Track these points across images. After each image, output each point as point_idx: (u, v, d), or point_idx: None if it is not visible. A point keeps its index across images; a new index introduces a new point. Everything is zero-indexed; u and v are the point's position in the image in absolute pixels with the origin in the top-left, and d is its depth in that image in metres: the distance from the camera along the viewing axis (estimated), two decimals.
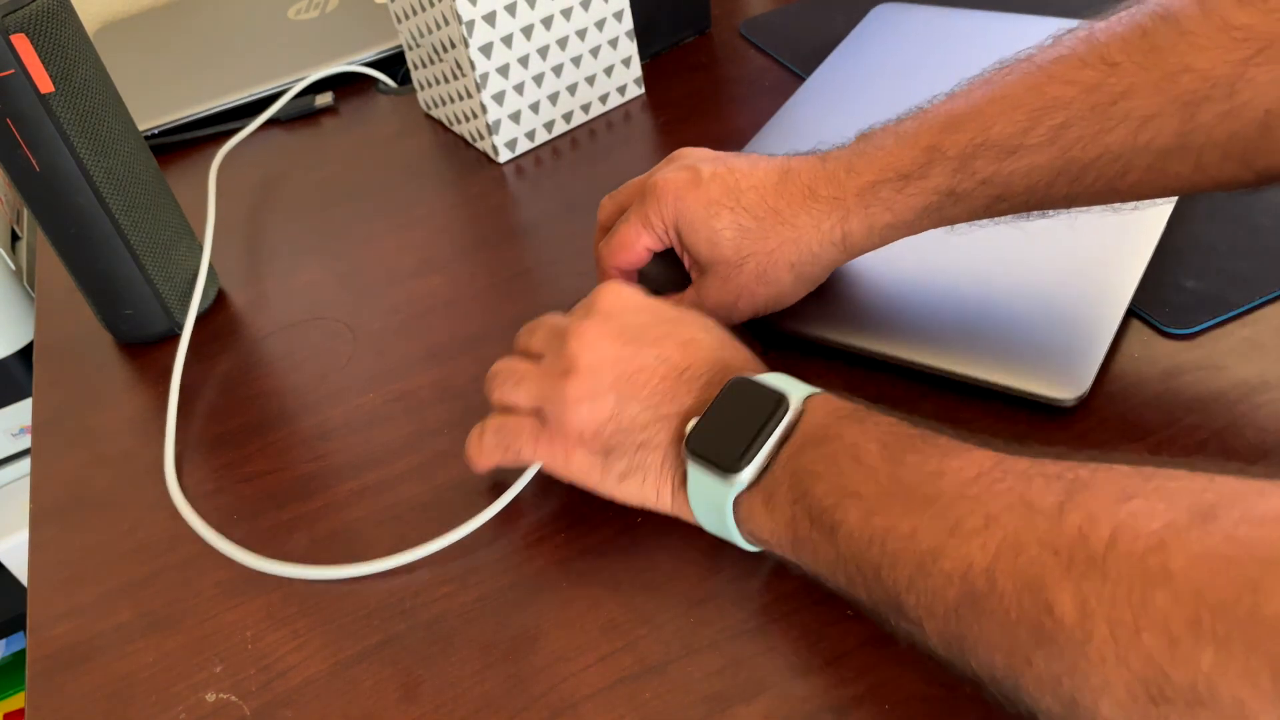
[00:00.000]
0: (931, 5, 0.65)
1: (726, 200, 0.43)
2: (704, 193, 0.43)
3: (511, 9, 0.59)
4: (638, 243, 0.45)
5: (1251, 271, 0.45)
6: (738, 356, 0.40)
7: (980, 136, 0.39)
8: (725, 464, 0.35)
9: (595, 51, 0.64)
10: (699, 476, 0.36)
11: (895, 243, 0.43)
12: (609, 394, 0.38)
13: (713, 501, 0.36)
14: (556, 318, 0.42)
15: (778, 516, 0.34)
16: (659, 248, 0.46)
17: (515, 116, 0.63)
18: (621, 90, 0.67)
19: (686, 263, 0.46)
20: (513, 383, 0.41)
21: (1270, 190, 0.36)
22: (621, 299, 0.41)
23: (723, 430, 0.36)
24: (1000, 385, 0.42)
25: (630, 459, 0.38)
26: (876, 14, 0.66)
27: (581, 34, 0.63)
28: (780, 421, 0.35)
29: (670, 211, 0.44)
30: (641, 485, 0.38)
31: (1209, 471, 0.27)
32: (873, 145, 0.41)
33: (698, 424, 0.36)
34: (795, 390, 0.36)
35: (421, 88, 0.69)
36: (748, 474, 0.35)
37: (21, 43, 0.46)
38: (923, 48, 0.61)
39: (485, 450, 0.41)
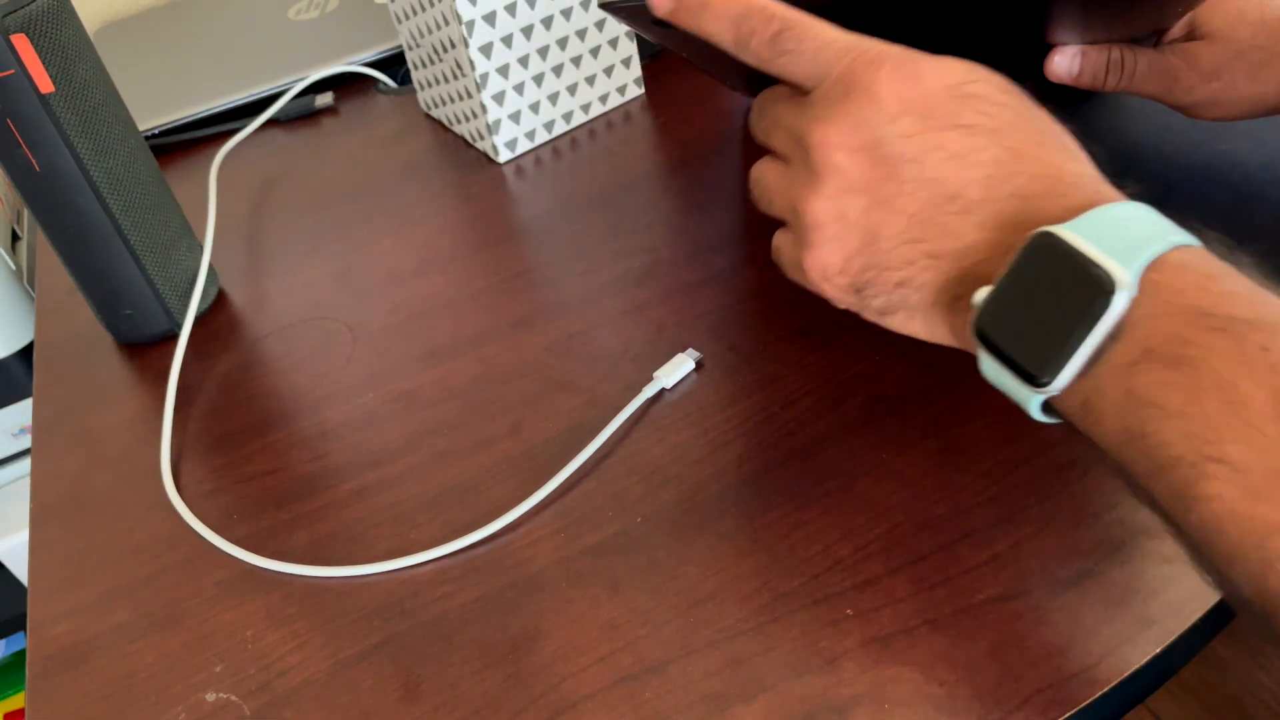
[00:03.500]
0: None
1: None
2: None
3: (511, 9, 0.59)
4: None
5: (1254, 271, 0.45)
6: (1043, 176, 0.29)
7: None
8: (1027, 369, 0.27)
9: (595, 51, 0.64)
10: (992, 366, 0.29)
11: None
12: (855, 228, 0.30)
13: (1008, 392, 0.29)
14: (790, 103, 0.32)
15: (1099, 431, 0.27)
16: None
17: (515, 116, 0.63)
18: (621, 90, 0.67)
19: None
20: (765, 199, 0.35)
21: (1272, 190, 0.36)
22: (896, 82, 0.30)
23: (1024, 314, 0.27)
24: None
25: (888, 297, 0.31)
26: None
27: (581, 34, 0.63)
28: (1103, 319, 0.26)
29: None
30: (908, 322, 0.32)
31: None
32: None
33: (991, 297, 0.28)
34: (1129, 260, 0.26)
35: (421, 88, 0.69)
36: (1058, 385, 0.27)
37: (21, 43, 0.46)
38: None
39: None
